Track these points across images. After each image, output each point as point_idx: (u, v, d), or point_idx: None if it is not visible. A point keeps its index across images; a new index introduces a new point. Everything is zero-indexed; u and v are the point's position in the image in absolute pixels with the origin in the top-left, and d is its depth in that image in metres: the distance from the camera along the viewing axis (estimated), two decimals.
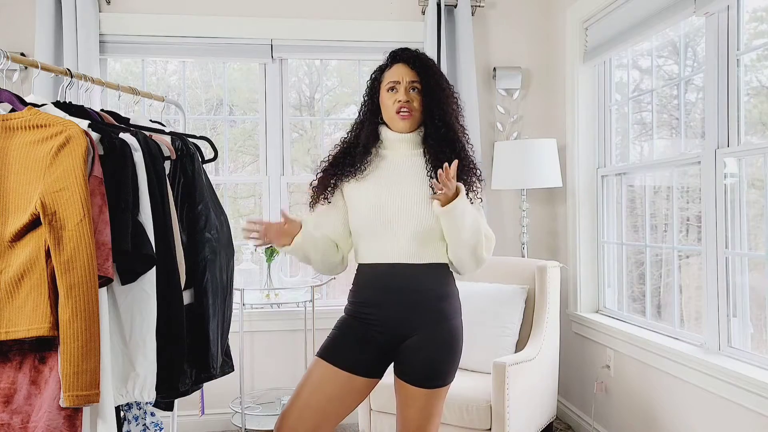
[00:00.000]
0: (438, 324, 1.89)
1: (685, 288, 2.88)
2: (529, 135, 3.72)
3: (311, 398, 1.87)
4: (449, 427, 2.66)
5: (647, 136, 3.12)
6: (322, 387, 1.87)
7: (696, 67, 2.73)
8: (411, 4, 3.66)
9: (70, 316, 1.49)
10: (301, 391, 1.89)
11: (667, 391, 2.63)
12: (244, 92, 3.90)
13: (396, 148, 1.96)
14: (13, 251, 1.58)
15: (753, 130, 2.38)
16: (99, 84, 2.16)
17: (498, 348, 2.91)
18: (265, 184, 3.70)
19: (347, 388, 1.88)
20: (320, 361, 1.90)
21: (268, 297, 3.37)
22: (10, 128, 1.62)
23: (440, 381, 1.89)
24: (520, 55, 3.79)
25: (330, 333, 1.97)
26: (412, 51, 1.96)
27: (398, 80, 1.91)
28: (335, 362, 1.88)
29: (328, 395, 1.87)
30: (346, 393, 1.89)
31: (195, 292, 2.01)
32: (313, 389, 1.87)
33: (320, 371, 1.89)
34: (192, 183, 2.06)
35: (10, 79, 3.26)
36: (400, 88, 1.91)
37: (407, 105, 1.90)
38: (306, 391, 1.88)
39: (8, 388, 1.58)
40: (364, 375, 1.90)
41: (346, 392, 1.89)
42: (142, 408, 2.09)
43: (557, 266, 3.11)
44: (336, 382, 1.87)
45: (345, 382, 1.88)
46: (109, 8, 3.46)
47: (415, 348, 1.87)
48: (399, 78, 1.91)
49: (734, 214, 2.38)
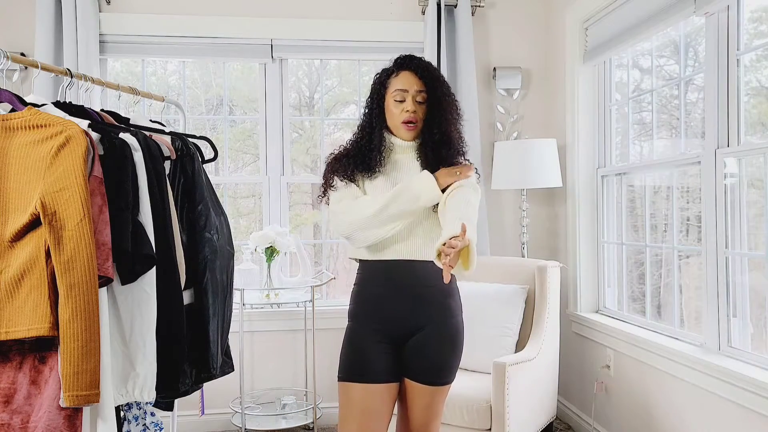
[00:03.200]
0: (444, 320, 1.90)
1: (685, 288, 2.88)
2: (529, 135, 3.72)
3: (365, 421, 1.86)
4: (449, 427, 2.66)
5: (647, 136, 3.12)
6: (370, 407, 1.87)
7: (696, 67, 2.73)
8: (411, 4, 3.66)
9: (70, 316, 1.49)
10: (351, 418, 1.88)
11: (667, 391, 2.63)
12: (244, 92, 3.90)
13: (402, 152, 1.98)
14: (13, 251, 1.58)
15: (753, 130, 2.38)
16: (99, 84, 2.16)
17: (498, 348, 2.91)
18: (265, 184, 3.70)
19: (389, 398, 1.90)
20: (353, 385, 1.89)
21: (268, 297, 3.37)
22: (10, 128, 1.61)
23: (445, 378, 1.91)
24: (520, 55, 3.79)
25: (345, 350, 1.96)
26: (420, 60, 1.97)
27: (406, 89, 1.91)
28: (368, 379, 1.88)
29: (379, 412, 1.88)
30: (389, 403, 1.91)
31: (195, 292, 2.01)
32: (363, 412, 1.87)
33: (360, 393, 1.87)
34: (192, 183, 2.06)
35: (10, 79, 3.26)
36: (408, 98, 1.91)
37: (414, 116, 1.92)
38: (356, 416, 1.87)
39: (8, 388, 1.58)
40: (394, 380, 1.92)
41: (389, 402, 1.91)
42: (142, 408, 2.09)
43: (557, 266, 3.11)
44: (378, 397, 1.87)
45: (386, 393, 1.89)
46: (109, 8, 3.46)
47: (422, 344, 1.89)
48: (407, 87, 1.91)
49: (734, 214, 2.38)
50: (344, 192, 1.93)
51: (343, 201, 1.92)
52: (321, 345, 3.48)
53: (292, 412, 3.38)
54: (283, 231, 3.36)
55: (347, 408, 1.89)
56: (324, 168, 2.03)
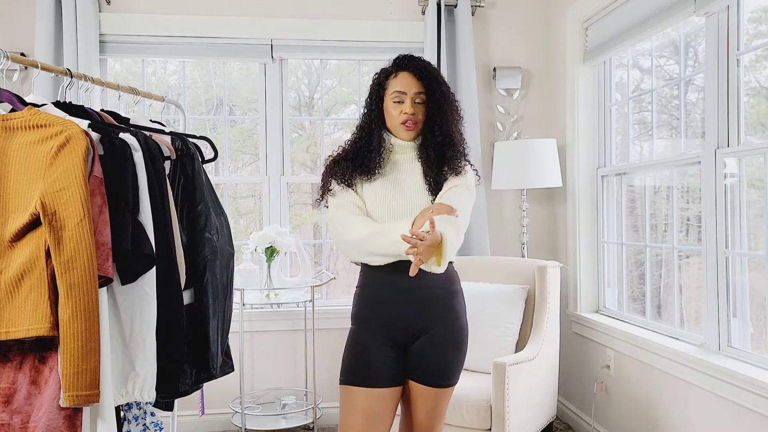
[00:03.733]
0: (449, 321, 1.90)
1: (685, 288, 2.88)
2: (529, 135, 3.72)
3: (368, 426, 1.86)
4: (449, 427, 2.66)
5: (647, 136, 3.12)
6: (374, 411, 1.86)
7: (696, 67, 2.73)
8: (411, 4, 3.66)
9: (70, 316, 1.49)
10: (353, 423, 1.87)
11: (667, 391, 2.63)
12: (244, 92, 3.90)
13: (402, 152, 1.98)
14: (13, 251, 1.58)
15: (753, 130, 2.38)
16: (99, 84, 2.16)
17: (498, 348, 2.91)
18: (265, 183, 3.70)
19: (392, 403, 1.90)
20: (356, 389, 1.88)
21: (268, 297, 3.37)
22: (10, 128, 1.61)
23: (450, 380, 1.91)
24: (520, 55, 3.79)
25: (347, 353, 1.95)
26: (419, 60, 1.96)
27: (405, 91, 1.91)
28: (372, 383, 1.87)
29: (382, 417, 1.87)
30: (393, 407, 1.91)
31: (195, 292, 2.01)
32: (366, 417, 1.86)
33: (363, 397, 1.87)
34: (192, 183, 2.06)
35: (10, 79, 3.26)
36: (407, 99, 1.91)
37: (413, 117, 1.91)
38: (359, 421, 1.86)
39: (8, 388, 1.58)
40: (398, 384, 1.91)
41: (393, 406, 1.91)
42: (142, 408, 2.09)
43: (557, 266, 3.11)
44: (382, 401, 1.87)
45: (389, 397, 1.88)
46: (109, 8, 3.46)
47: (428, 346, 1.88)
48: (406, 89, 1.91)
49: (734, 214, 2.38)
50: (342, 198, 1.93)
51: (340, 209, 1.92)
52: (321, 345, 3.48)
53: (292, 412, 3.38)
54: (283, 231, 3.36)
55: (350, 412, 1.88)
56: (323, 170, 2.02)
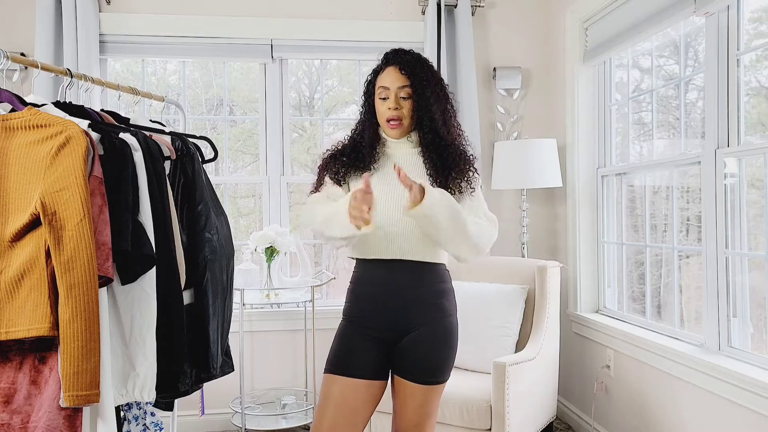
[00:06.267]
0: (437, 320, 1.90)
1: (685, 288, 2.88)
2: (529, 135, 3.72)
3: (338, 416, 1.85)
4: (449, 427, 2.66)
5: (647, 136, 3.12)
6: (346, 401, 1.86)
7: (696, 67, 2.73)
8: (411, 4, 3.66)
9: (70, 316, 1.49)
10: (325, 411, 1.87)
11: (667, 391, 2.63)
12: (244, 92, 3.90)
13: (396, 147, 1.98)
14: (13, 251, 1.58)
15: (753, 130, 2.38)
16: (99, 84, 2.16)
17: (498, 348, 2.91)
18: (265, 183, 3.70)
19: (368, 396, 1.89)
20: (335, 377, 1.89)
21: (268, 297, 3.37)
22: (10, 128, 1.62)
23: (438, 377, 1.90)
24: (520, 55, 3.79)
25: (334, 344, 1.96)
26: (404, 53, 1.93)
27: (388, 86, 1.90)
28: (351, 373, 1.87)
29: (354, 408, 1.86)
30: (369, 400, 1.89)
31: (195, 292, 2.01)
32: (338, 406, 1.86)
33: (339, 387, 1.87)
34: (192, 183, 2.06)
35: (10, 79, 3.26)
36: (391, 95, 1.90)
37: (396, 114, 1.90)
38: (330, 410, 1.86)
39: (8, 388, 1.58)
40: (379, 378, 1.91)
41: (369, 399, 1.89)
42: (142, 408, 2.09)
43: (557, 266, 3.11)
44: (358, 393, 1.87)
45: (365, 390, 1.88)
46: (109, 8, 3.46)
47: (415, 343, 1.89)
48: (389, 84, 1.90)
49: (734, 214, 2.38)
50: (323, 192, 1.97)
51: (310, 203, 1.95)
52: (321, 345, 3.47)
53: (292, 412, 3.38)
54: (283, 231, 3.36)
55: (323, 401, 1.89)
56: (319, 163, 2.03)
